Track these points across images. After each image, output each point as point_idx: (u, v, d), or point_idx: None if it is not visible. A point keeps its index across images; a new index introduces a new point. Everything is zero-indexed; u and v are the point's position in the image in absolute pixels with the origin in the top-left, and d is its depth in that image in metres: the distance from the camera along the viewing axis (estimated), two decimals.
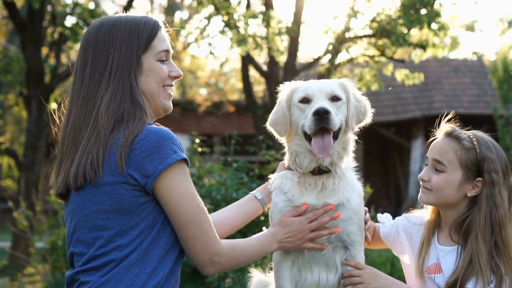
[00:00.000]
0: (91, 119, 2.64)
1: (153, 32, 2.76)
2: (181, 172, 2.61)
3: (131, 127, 2.58)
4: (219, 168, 6.68)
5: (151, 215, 2.63)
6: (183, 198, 2.61)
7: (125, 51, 2.69)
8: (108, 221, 2.60)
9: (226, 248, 2.72)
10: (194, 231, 2.64)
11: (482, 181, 3.01)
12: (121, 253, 2.58)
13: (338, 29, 11.16)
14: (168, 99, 2.82)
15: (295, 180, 3.17)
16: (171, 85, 2.83)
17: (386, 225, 3.36)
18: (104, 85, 2.66)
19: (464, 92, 21.16)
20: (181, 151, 2.62)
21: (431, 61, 21.99)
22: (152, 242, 2.61)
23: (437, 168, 3.03)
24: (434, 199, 3.07)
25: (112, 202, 2.59)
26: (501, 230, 2.98)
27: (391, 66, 11.67)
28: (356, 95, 3.25)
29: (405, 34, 10.16)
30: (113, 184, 2.58)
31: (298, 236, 3.04)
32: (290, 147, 3.21)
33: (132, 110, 2.64)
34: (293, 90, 3.22)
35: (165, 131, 2.61)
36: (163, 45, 2.78)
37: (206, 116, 21.56)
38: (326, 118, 2.99)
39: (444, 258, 3.05)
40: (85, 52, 2.73)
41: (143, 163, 2.56)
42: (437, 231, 3.14)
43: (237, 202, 3.32)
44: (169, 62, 2.82)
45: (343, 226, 3.13)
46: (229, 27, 9.81)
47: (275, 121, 3.23)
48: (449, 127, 3.11)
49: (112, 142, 2.58)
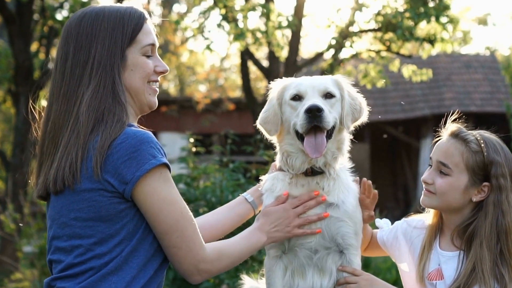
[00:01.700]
0: (72, 117, 2.63)
1: (139, 24, 2.74)
2: (161, 178, 2.60)
3: (109, 130, 2.56)
4: (214, 169, 6.67)
5: (132, 222, 2.62)
6: (163, 205, 2.60)
7: (108, 45, 2.67)
8: (86, 229, 2.59)
9: (212, 254, 2.71)
10: (176, 239, 2.63)
11: (488, 186, 2.99)
12: (101, 261, 2.58)
13: (341, 22, 11.14)
14: (153, 95, 2.81)
15: (286, 181, 3.16)
16: (156, 80, 2.82)
17: (384, 230, 3.34)
18: (85, 80, 2.65)
19: (476, 89, 21.11)
20: (161, 155, 2.60)
21: (441, 56, 21.94)
22: (133, 250, 2.60)
23: (442, 170, 3.02)
24: (437, 203, 3.05)
25: (90, 209, 2.58)
26: (507, 238, 2.96)
27: (398, 62, 11.64)
28: (351, 92, 3.23)
29: (412, 28, 10.13)
30: (91, 191, 2.57)
31: (285, 222, 3.03)
32: (282, 147, 3.20)
33: (113, 108, 2.62)
34: (284, 87, 3.20)
35: (144, 135, 2.59)
36: (149, 38, 2.76)
37: (205, 114, 21.55)
38: (318, 116, 2.98)
39: (445, 264, 3.04)
40: (66, 44, 2.71)
41: (120, 169, 2.54)
42: (439, 235, 3.12)
43: (226, 204, 3.31)
44: (155, 56, 2.80)
45: (338, 229, 3.11)
46: (227, 20, 9.79)
47: (265, 119, 3.22)
48: (455, 127, 3.08)
49: (90, 145, 2.57)
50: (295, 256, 3.15)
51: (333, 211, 3.11)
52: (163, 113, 21.46)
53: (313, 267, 3.15)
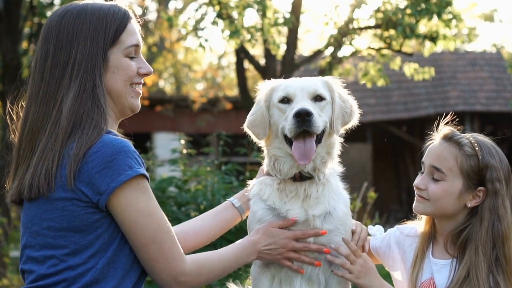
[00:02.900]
0: (50, 120, 2.60)
1: (122, 24, 2.71)
2: (138, 189, 2.58)
3: (85, 137, 2.54)
4: (205, 171, 6.64)
5: (107, 232, 2.59)
6: (140, 217, 2.58)
7: (90, 45, 2.65)
8: (59, 239, 2.57)
9: (193, 267, 2.70)
10: (153, 251, 2.61)
11: (484, 190, 2.97)
12: (74, 272, 2.55)
13: (340, 19, 11.12)
14: (136, 97, 2.79)
15: (274, 186, 3.15)
16: (139, 83, 2.80)
17: (377, 237, 3.32)
18: (65, 82, 2.63)
19: (481, 87, 21.11)
20: (138, 165, 2.58)
21: (446, 54, 21.95)
22: (109, 262, 2.58)
23: (435, 176, 3.00)
24: (431, 210, 3.03)
25: (63, 219, 2.56)
26: (504, 244, 2.94)
27: (399, 60, 11.62)
28: (341, 94, 3.22)
29: (413, 25, 10.11)
30: (64, 200, 2.55)
31: (280, 250, 3.03)
32: (269, 151, 3.19)
33: (91, 112, 2.60)
34: (272, 88, 3.19)
35: (121, 144, 2.57)
36: (133, 39, 2.74)
37: (201, 113, 21.55)
38: (308, 120, 2.96)
39: (438, 273, 3.02)
40: (46, 43, 2.68)
41: (95, 179, 2.52)
42: (431, 243, 3.10)
43: (212, 209, 3.29)
44: (139, 57, 2.78)
45: (329, 239, 3.10)
46: (222, 17, 9.77)
47: (253, 122, 3.21)
48: (448, 129, 3.06)
49: (65, 152, 2.54)
50: (282, 266, 3.12)
51: (324, 221, 3.10)
52: (158, 113, 21.46)
53: (301, 277, 3.13)
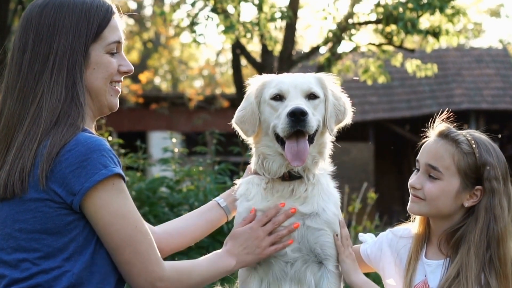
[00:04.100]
0: (28, 116, 2.58)
1: (106, 19, 2.69)
2: (113, 189, 2.55)
3: (60, 135, 2.52)
4: (197, 171, 6.62)
5: (82, 235, 2.57)
6: (115, 218, 2.55)
7: (72, 40, 2.62)
8: (32, 242, 2.54)
9: (171, 273, 2.67)
10: (129, 255, 2.58)
11: (481, 189, 2.96)
12: (48, 276, 2.52)
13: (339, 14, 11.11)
14: (115, 96, 2.77)
15: (262, 186, 3.13)
16: (119, 81, 2.78)
17: (368, 242, 3.31)
18: (46, 78, 2.60)
19: (487, 85, 21.09)
20: (113, 164, 2.55)
21: (450, 50, 21.94)
22: (86, 266, 2.55)
23: (431, 174, 2.98)
24: (426, 210, 3.02)
25: (35, 221, 2.53)
26: (499, 246, 2.93)
27: (401, 56, 11.61)
28: (334, 91, 3.20)
29: (415, 19, 10.09)
30: (37, 201, 2.52)
31: (255, 243, 3.00)
32: (258, 149, 3.17)
33: (69, 110, 2.58)
34: (264, 84, 3.17)
35: (96, 142, 2.54)
36: (115, 35, 2.72)
37: (198, 111, 21.53)
38: (302, 120, 2.94)
39: (432, 274, 3.01)
40: (24, 34, 2.65)
41: (68, 179, 2.49)
42: (426, 244, 3.09)
43: (197, 209, 3.27)
44: (120, 54, 2.76)
45: (317, 238, 3.08)
46: (216, 12, 9.76)
47: (241, 118, 3.18)
48: (443, 126, 3.05)
49: (39, 150, 2.52)
50: (270, 268, 3.12)
51: (312, 220, 3.08)
52: (153, 111, 21.44)
53: (290, 279, 3.11)
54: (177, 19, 10.86)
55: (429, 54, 16.66)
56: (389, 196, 19.82)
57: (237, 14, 9.99)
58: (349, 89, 3.30)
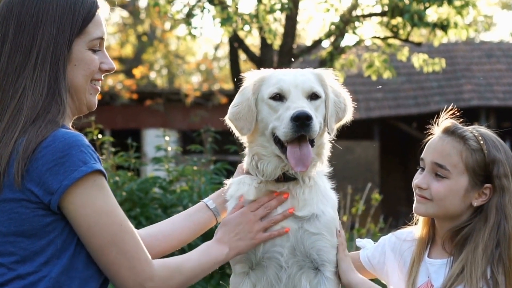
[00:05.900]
0: (8, 112, 2.55)
1: (90, 13, 2.66)
2: (94, 186, 2.51)
3: (37, 131, 2.48)
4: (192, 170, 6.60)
5: (61, 237, 2.53)
6: (97, 217, 2.52)
7: (56, 33, 2.60)
8: (7, 245, 2.50)
9: (161, 271, 2.64)
10: (115, 255, 2.54)
11: (490, 187, 2.96)
12: (24, 282, 2.49)
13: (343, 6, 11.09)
14: (94, 94, 2.75)
15: (253, 186, 3.10)
16: (100, 79, 2.76)
17: (368, 248, 3.31)
18: (28, 72, 2.57)
19: (498, 80, 21.13)
20: (93, 161, 2.52)
21: (459, 44, 21.97)
22: (64, 270, 2.52)
23: (438, 173, 2.97)
24: (434, 210, 3.02)
25: (11, 223, 2.49)
26: (510, 245, 2.93)
27: (407, 50, 11.59)
28: (334, 88, 3.17)
29: (422, 12, 10.07)
30: (12, 202, 2.49)
31: (246, 228, 2.98)
32: (252, 148, 3.13)
33: (49, 106, 2.56)
34: (262, 79, 3.12)
35: (74, 137, 2.51)
36: (99, 31, 2.69)
37: (195, 108, 21.53)
38: (307, 125, 2.90)
39: (436, 274, 3.01)
40: (5, 24, 2.61)
41: (45, 177, 2.46)
42: (429, 245, 3.10)
43: (185, 211, 3.25)
44: (102, 51, 2.74)
45: (313, 243, 3.06)
46: (213, 3, 9.73)
47: (236, 115, 3.14)
48: (449, 122, 3.05)
49: (15, 147, 2.49)
50: (263, 273, 3.09)
51: (309, 224, 3.06)
52: (148, 108, 21.43)
53: (284, 286, 3.08)
54: (172, 11, 10.84)
55: (437, 48, 16.64)
56: (395, 197, 19.83)
57: (235, 5, 9.96)
58: (353, 85, 3.25)
